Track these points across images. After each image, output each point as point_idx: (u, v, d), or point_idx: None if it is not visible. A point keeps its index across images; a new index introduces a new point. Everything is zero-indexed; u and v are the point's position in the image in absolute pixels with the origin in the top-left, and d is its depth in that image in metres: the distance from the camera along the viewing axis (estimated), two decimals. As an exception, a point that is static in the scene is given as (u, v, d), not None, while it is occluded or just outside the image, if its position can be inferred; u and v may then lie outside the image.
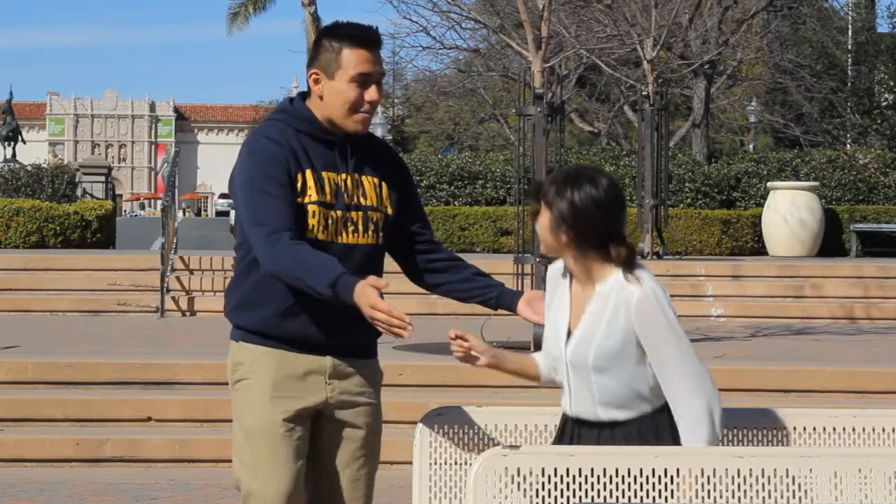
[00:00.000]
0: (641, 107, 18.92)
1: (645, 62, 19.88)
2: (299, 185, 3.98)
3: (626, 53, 26.15)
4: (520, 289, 11.38)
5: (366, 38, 4.01)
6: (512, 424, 4.35)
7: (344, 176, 4.06)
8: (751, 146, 39.19)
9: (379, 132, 47.49)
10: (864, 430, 4.29)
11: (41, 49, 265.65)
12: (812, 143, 36.81)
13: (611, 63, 24.67)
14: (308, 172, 4.00)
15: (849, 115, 36.35)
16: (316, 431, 4.09)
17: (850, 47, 37.79)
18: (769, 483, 3.65)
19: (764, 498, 3.66)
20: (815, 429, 4.29)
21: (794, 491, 3.66)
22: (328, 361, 4.05)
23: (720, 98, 37.76)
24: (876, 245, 22.65)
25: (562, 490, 3.62)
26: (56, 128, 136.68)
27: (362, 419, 4.10)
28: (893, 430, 4.30)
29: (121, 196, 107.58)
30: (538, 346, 11.85)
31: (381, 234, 4.10)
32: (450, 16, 29.17)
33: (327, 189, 4.02)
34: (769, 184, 22.17)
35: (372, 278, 3.78)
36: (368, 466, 4.12)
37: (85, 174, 30.58)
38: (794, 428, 4.29)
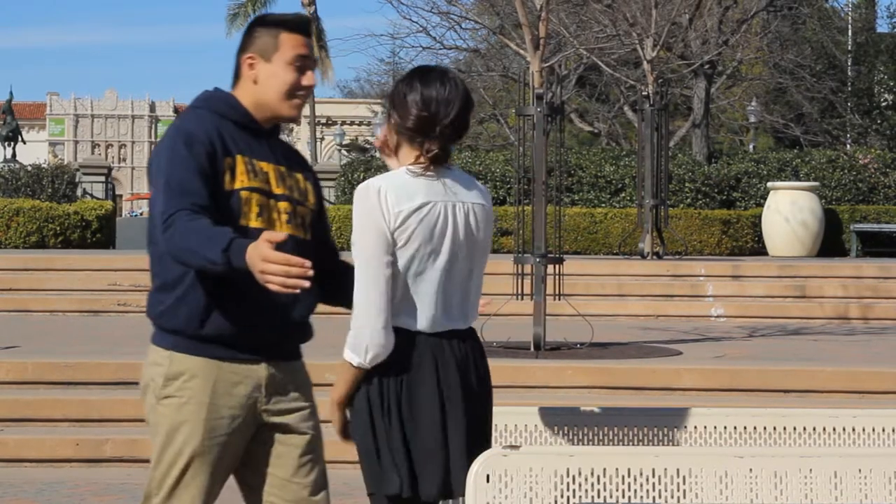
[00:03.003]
0: (641, 107, 18.93)
1: (645, 62, 19.89)
2: (229, 170, 3.84)
3: (626, 53, 26.17)
4: (519, 289, 11.45)
5: (302, 23, 4.00)
6: (512, 424, 4.35)
7: (273, 166, 3.96)
8: (751, 146, 39.18)
9: (379, 132, 47.45)
10: (864, 430, 4.29)
11: (41, 49, 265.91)
12: (812, 144, 36.82)
13: (611, 63, 24.68)
14: (238, 158, 3.87)
15: (849, 116, 36.35)
16: (257, 443, 3.94)
17: (850, 47, 37.78)
18: (769, 482, 3.65)
19: (764, 497, 3.66)
20: (815, 429, 4.29)
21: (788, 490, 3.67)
22: (263, 370, 3.90)
23: (720, 98, 37.75)
24: (876, 245, 22.66)
25: (562, 490, 3.61)
26: (56, 128, 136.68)
27: (304, 423, 3.96)
28: (893, 430, 4.30)
29: (121, 196, 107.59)
30: (538, 346, 11.83)
31: (309, 229, 4.02)
32: (449, 16, 29.22)
33: (259, 176, 3.90)
34: (769, 184, 22.18)
35: (267, 233, 3.53)
36: (318, 470, 3.98)
37: (85, 174, 30.52)
38: (794, 428, 4.29)
